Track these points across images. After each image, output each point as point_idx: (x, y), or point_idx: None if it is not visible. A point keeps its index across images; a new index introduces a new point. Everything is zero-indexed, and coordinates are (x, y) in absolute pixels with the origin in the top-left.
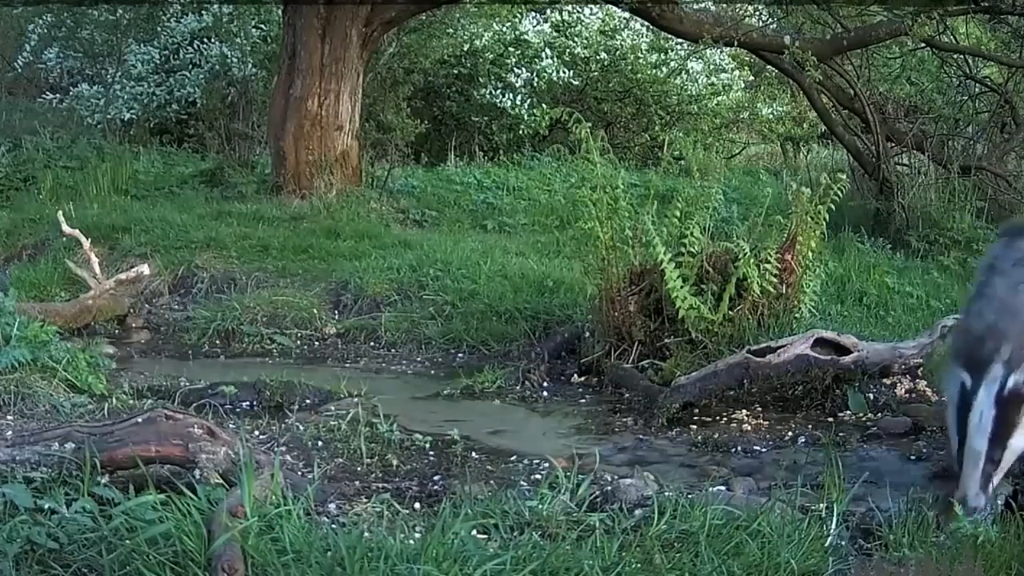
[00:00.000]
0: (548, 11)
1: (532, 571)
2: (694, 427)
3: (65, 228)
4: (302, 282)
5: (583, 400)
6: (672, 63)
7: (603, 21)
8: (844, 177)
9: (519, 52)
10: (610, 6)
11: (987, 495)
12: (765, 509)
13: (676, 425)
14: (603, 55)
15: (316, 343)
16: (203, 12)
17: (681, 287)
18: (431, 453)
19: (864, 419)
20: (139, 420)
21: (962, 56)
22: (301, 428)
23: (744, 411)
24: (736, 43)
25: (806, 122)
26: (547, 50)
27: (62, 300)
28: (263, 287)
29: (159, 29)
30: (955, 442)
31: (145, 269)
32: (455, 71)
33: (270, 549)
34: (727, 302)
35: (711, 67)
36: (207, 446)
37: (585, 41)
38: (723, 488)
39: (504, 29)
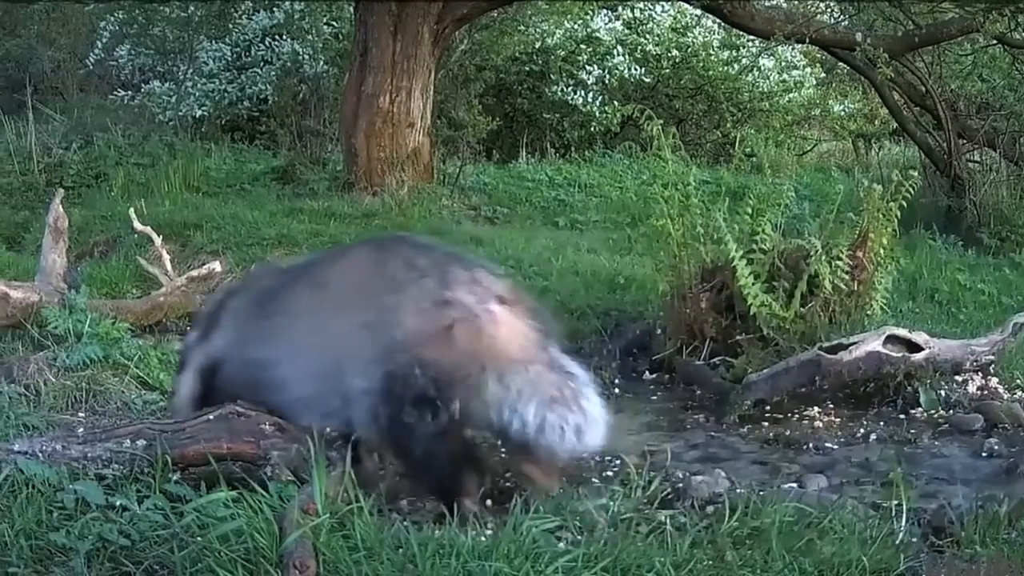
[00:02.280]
0: (620, 8)
1: (604, 568)
2: (766, 424)
3: (137, 225)
4: None
5: (655, 397)
6: (744, 60)
7: (675, 18)
8: (915, 174)
9: (591, 49)
10: (682, 3)
11: None
12: (836, 506)
13: (748, 422)
14: (675, 52)
15: None
16: (275, 9)
17: (753, 284)
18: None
19: (936, 416)
20: (211, 417)
21: None
22: None
23: (816, 408)
24: (807, 40)
25: (878, 119)
26: (619, 47)
27: (134, 297)
28: None
29: (231, 26)
30: None
31: (217, 266)
32: (527, 68)
33: (342, 546)
34: (799, 299)
35: (783, 64)
36: (278, 443)
37: (657, 38)
38: (794, 485)
39: (576, 26)
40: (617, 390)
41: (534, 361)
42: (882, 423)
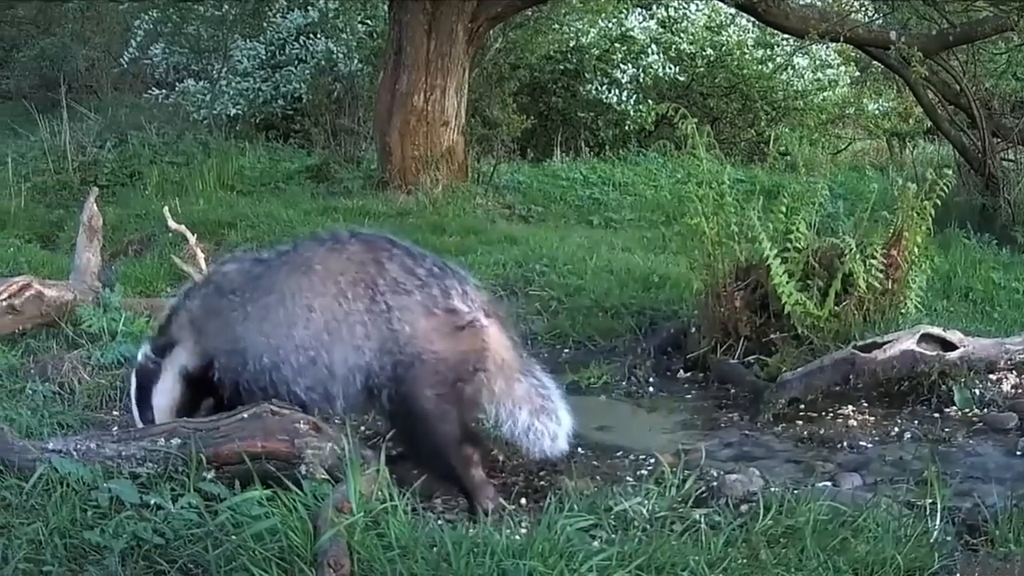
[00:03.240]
0: (654, 7)
1: (638, 566)
2: (800, 423)
3: (171, 224)
4: None
5: (689, 396)
6: (778, 59)
7: (709, 17)
8: (950, 173)
9: (625, 48)
10: (716, 2)
11: None
12: (871, 505)
13: (782, 421)
14: (709, 51)
15: None
16: (309, 8)
17: (787, 283)
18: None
19: (970, 415)
20: (245, 416)
21: None
22: None
23: (850, 407)
24: (842, 39)
25: (912, 118)
26: (653, 46)
27: (168, 296)
28: None
29: (265, 25)
30: None
31: None
32: (561, 67)
33: (376, 545)
34: (833, 298)
35: (817, 63)
36: (313, 441)
37: (691, 37)
38: (829, 484)
39: (610, 25)
40: (651, 389)
41: (524, 372)
42: (916, 422)
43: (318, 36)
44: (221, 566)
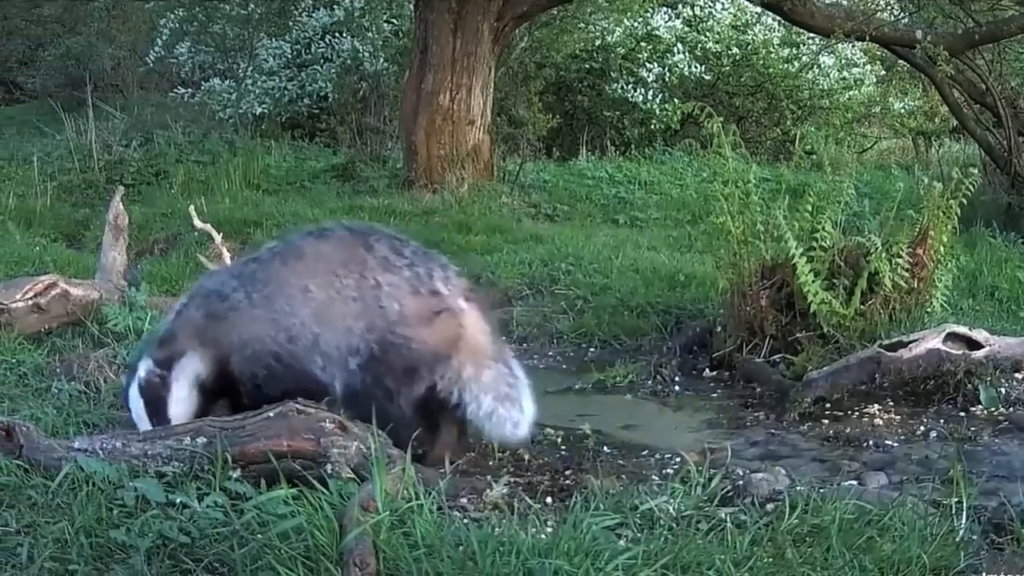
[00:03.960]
0: (680, 6)
1: (664, 565)
2: (826, 422)
3: (197, 222)
4: None
5: (715, 394)
6: (804, 58)
7: (735, 16)
8: (976, 172)
9: (650, 47)
10: (742, 1)
11: None
12: (896, 504)
13: (808, 420)
14: (735, 50)
15: None
16: (335, 6)
17: (813, 281)
18: (563, 447)
19: (996, 414)
20: (270, 414)
21: None
22: None
23: (876, 406)
24: (868, 37)
25: (938, 117)
26: (678, 45)
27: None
28: None
29: (291, 24)
30: None
31: None
32: (587, 66)
33: (402, 543)
34: (859, 297)
35: (843, 62)
36: (338, 440)
37: (717, 36)
38: (854, 482)
39: (635, 24)
40: (677, 387)
41: (496, 359)
42: (942, 420)
43: (344, 35)
44: (247, 565)
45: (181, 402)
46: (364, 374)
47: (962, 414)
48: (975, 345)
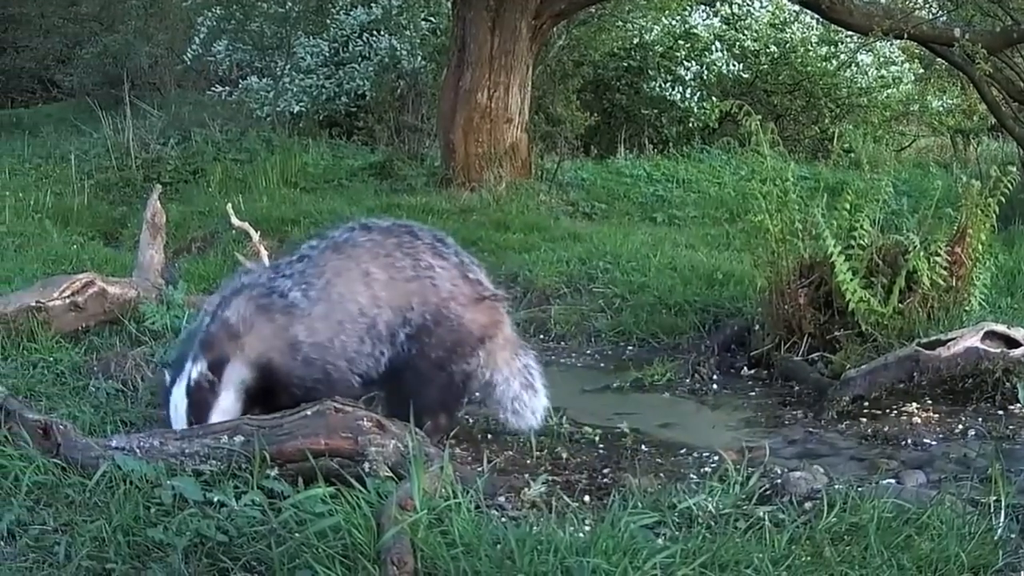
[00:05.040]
0: (718, 4)
1: (702, 564)
2: (864, 420)
3: (234, 221)
4: None
5: (753, 393)
6: (842, 56)
7: (773, 14)
8: (1014, 169)
9: (689, 45)
10: None
11: None
12: (935, 502)
13: (846, 418)
14: (773, 48)
15: None
16: (372, 4)
17: (851, 280)
18: (601, 446)
19: None
20: (308, 413)
21: None
22: (470, 421)
23: (914, 404)
24: (906, 36)
25: (976, 115)
26: (717, 43)
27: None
28: None
29: (328, 22)
30: None
31: None
32: (625, 64)
33: (440, 542)
34: (897, 295)
35: (881, 60)
36: (376, 439)
37: (755, 34)
38: (893, 481)
39: (674, 22)
40: (715, 386)
41: (524, 351)
42: (980, 419)
43: (382, 33)
44: (284, 564)
45: (227, 412)
46: (411, 344)
47: (1000, 412)
48: (1014, 343)
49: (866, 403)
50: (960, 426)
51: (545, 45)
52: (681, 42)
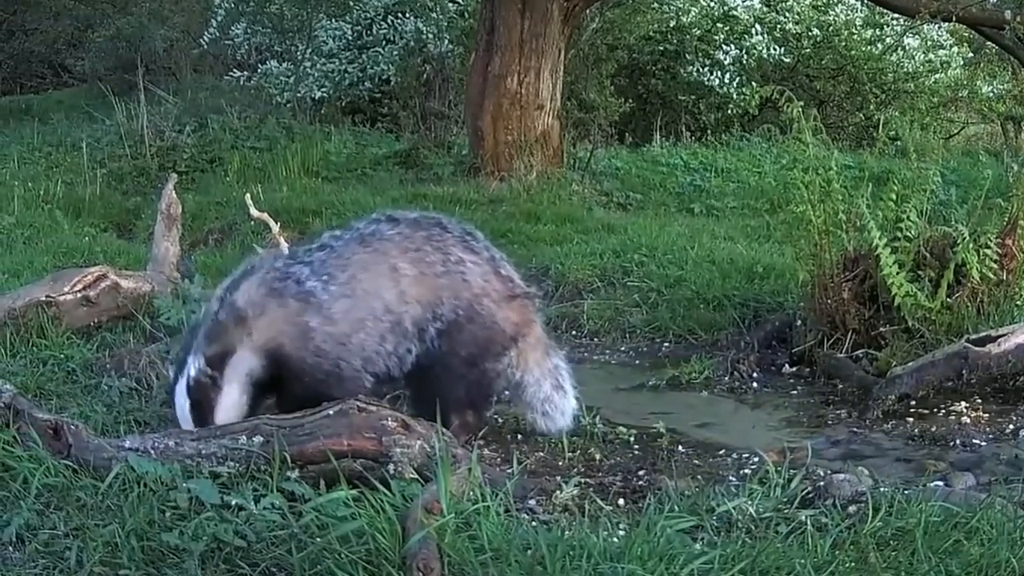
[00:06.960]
0: None
1: (741, 570)
2: (910, 420)
3: (253, 211)
4: None
5: (794, 391)
6: (888, 39)
7: None
8: None
9: (727, 28)
10: None
11: None
12: (985, 505)
13: (892, 418)
14: (815, 31)
15: None
16: None
17: (897, 273)
18: (635, 447)
19: None
20: (330, 412)
21: None
22: (499, 421)
23: (963, 403)
24: (954, 18)
25: None
26: (757, 26)
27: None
28: None
29: (351, 3)
30: None
31: None
32: (661, 48)
33: (467, 547)
34: (945, 289)
35: (928, 43)
36: (401, 439)
37: (797, 16)
38: (941, 483)
39: (712, 4)
40: (755, 384)
41: (555, 351)
42: None
43: (407, 15)
44: (305, 569)
45: (231, 408)
46: (442, 340)
47: None
48: None
49: (913, 402)
50: (1011, 426)
51: (577, 28)
52: (720, 25)
